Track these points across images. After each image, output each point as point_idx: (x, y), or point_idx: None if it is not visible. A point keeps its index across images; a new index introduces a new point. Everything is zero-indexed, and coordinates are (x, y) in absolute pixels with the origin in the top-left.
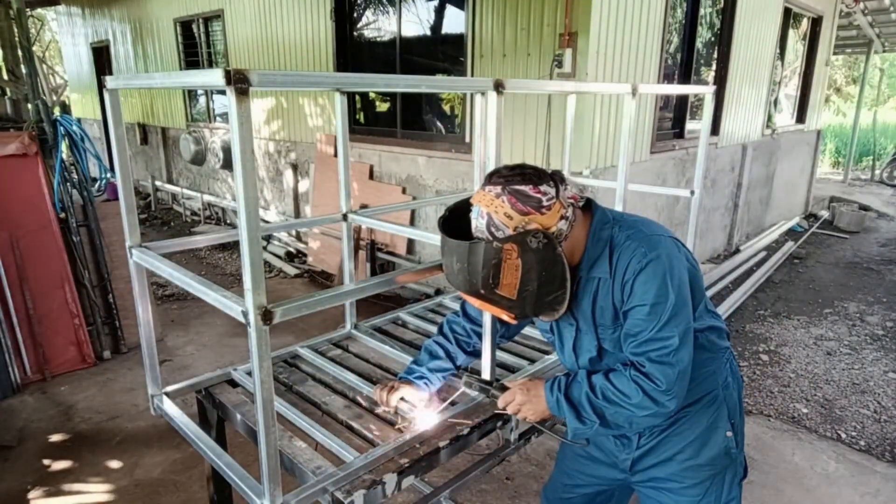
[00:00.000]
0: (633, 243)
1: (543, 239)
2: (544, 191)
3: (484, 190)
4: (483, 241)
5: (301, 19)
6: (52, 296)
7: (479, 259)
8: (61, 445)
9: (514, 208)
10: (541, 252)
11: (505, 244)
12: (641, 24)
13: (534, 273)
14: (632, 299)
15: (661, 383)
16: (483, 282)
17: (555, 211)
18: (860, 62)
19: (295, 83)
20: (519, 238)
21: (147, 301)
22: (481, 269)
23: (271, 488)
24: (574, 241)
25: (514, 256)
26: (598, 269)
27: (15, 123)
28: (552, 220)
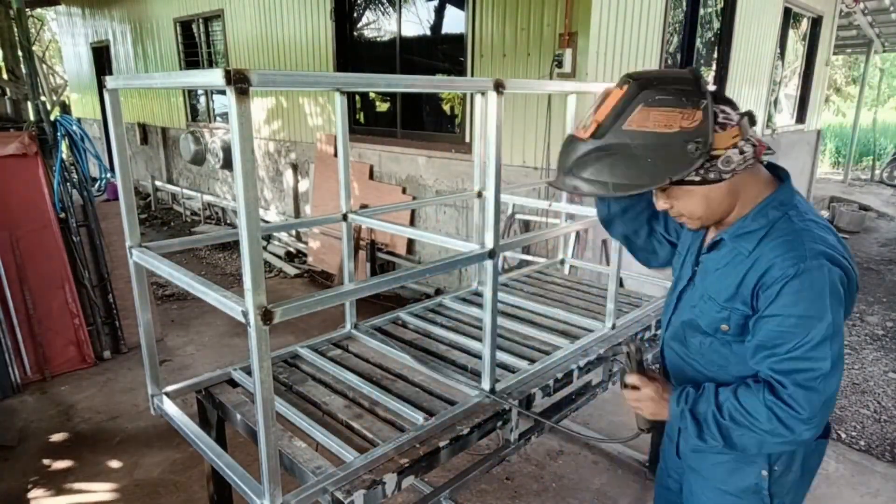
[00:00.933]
0: (795, 240)
1: (703, 148)
2: (724, 110)
3: None
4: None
5: (301, 19)
6: (52, 296)
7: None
8: (61, 445)
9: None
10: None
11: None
12: (641, 24)
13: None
14: (773, 306)
15: (803, 411)
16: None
17: (729, 134)
18: (860, 62)
19: (295, 83)
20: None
21: (147, 301)
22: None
23: (271, 488)
24: (741, 192)
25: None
26: (743, 242)
27: (15, 123)
28: (723, 141)
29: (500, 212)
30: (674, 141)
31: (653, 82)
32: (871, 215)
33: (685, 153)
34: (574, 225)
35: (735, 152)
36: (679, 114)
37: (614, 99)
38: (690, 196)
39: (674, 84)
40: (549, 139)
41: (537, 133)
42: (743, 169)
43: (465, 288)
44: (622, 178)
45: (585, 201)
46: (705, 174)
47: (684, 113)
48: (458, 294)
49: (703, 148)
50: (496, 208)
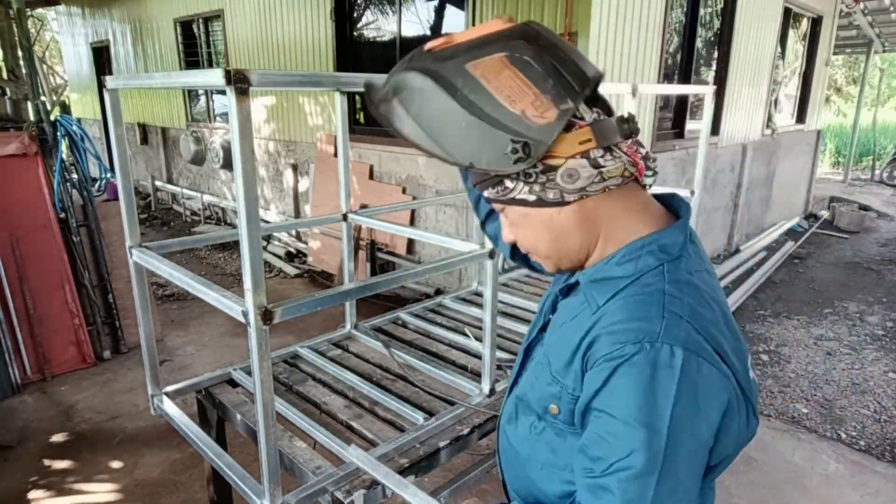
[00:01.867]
0: (655, 304)
1: (522, 151)
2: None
3: None
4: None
5: (301, 19)
6: (52, 296)
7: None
8: (61, 445)
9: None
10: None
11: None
12: (641, 24)
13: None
14: (599, 397)
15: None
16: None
17: (574, 138)
18: (860, 62)
19: (295, 83)
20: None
21: (147, 301)
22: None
23: (271, 488)
24: (598, 223)
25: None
26: (596, 292)
27: (15, 123)
28: (565, 146)
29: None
30: (504, 123)
31: (539, 40)
32: (871, 215)
33: (504, 147)
34: None
35: (583, 164)
36: (532, 94)
37: (488, 28)
38: (529, 222)
39: (562, 59)
40: None
41: None
42: (600, 191)
43: (465, 288)
44: (426, 125)
45: None
46: (542, 192)
47: (538, 98)
48: (458, 294)
49: (526, 153)
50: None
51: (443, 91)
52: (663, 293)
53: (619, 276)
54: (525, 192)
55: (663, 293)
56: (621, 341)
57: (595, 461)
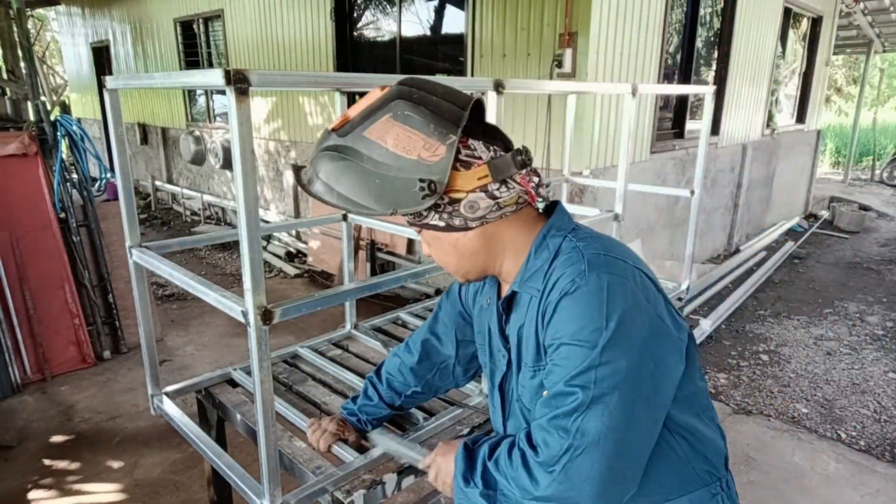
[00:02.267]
0: (575, 255)
1: (429, 190)
2: (472, 145)
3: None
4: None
5: (301, 19)
6: (52, 296)
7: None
8: (61, 445)
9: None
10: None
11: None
12: (641, 24)
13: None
14: (548, 334)
15: (541, 451)
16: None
17: (472, 175)
18: (860, 62)
19: (295, 83)
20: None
21: (147, 301)
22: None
23: (271, 488)
24: (498, 241)
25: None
26: (532, 283)
27: (15, 123)
28: (464, 182)
29: None
30: (408, 170)
31: (412, 94)
32: (871, 215)
33: (413, 189)
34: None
35: (482, 196)
36: (422, 141)
37: (371, 98)
38: (439, 242)
39: (434, 106)
40: (549, 139)
41: (537, 133)
42: (498, 217)
43: None
44: (349, 192)
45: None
46: (449, 219)
47: (427, 142)
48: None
49: (431, 190)
50: None
51: (352, 161)
52: (577, 248)
53: (542, 264)
54: (436, 219)
55: (577, 248)
56: (560, 285)
57: (553, 385)
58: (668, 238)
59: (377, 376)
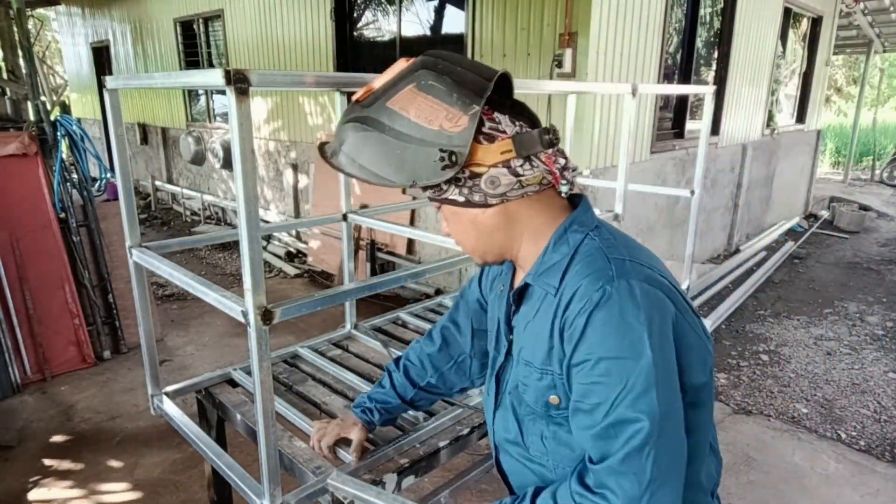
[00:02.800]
0: (598, 258)
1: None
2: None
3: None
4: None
5: (301, 19)
6: (52, 296)
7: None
8: (61, 445)
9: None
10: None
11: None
12: (641, 24)
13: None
14: (579, 350)
15: (614, 499)
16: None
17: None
18: (860, 62)
19: (295, 83)
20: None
21: (147, 301)
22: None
23: (271, 488)
24: (518, 222)
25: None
26: (548, 278)
27: (15, 123)
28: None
29: None
30: (429, 140)
31: (437, 64)
32: (871, 215)
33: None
34: None
35: (504, 172)
36: (444, 111)
37: (395, 69)
38: (459, 219)
39: (459, 76)
40: None
41: None
42: (519, 196)
43: None
44: (370, 163)
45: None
46: (469, 194)
47: (449, 112)
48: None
49: (451, 161)
50: None
51: (374, 131)
52: (600, 249)
53: (560, 259)
54: (455, 193)
55: (600, 249)
56: (587, 294)
57: (596, 408)
58: (668, 238)
59: (395, 364)
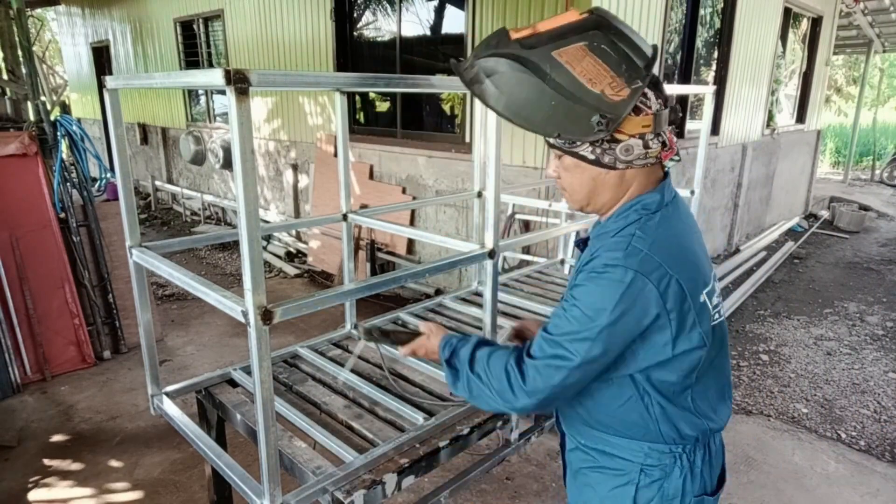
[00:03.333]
0: (624, 241)
1: (606, 124)
2: (646, 93)
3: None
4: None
5: (301, 19)
6: (52, 296)
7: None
8: (61, 445)
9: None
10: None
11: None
12: (641, 24)
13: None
14: (572, 290)
15: (529, 383)
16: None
17: (639, 121)
18: (860, 62)
19: (295, 83)
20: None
21: (147, 301)
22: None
23: (271, 488)
24: (626, 187)
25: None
26: (597, 242)
27: (15, 123)
28: (630, 125)
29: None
30: (587, 100)
31: (611, 29)
32: (871, 215)
33: (588, 121)
34: (574, 225)
35: (639, 143)
36: (609, 77)
37: (565, 19)
38: (581, 172)
39: (628, 47)
40: None
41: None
42: (641, 165)
43: (465, 288)
44: (519, 104)
45: None
46: (601, 155)
47: (615, 80)
48: (458, 294)
49: (607, 127)
50: (496, 208)
51: (533, 76)
52: (632, 236)
53: (613, 229)
54: (588, 150)
55: (632, 236)
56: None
57: (555, 327)
58: None
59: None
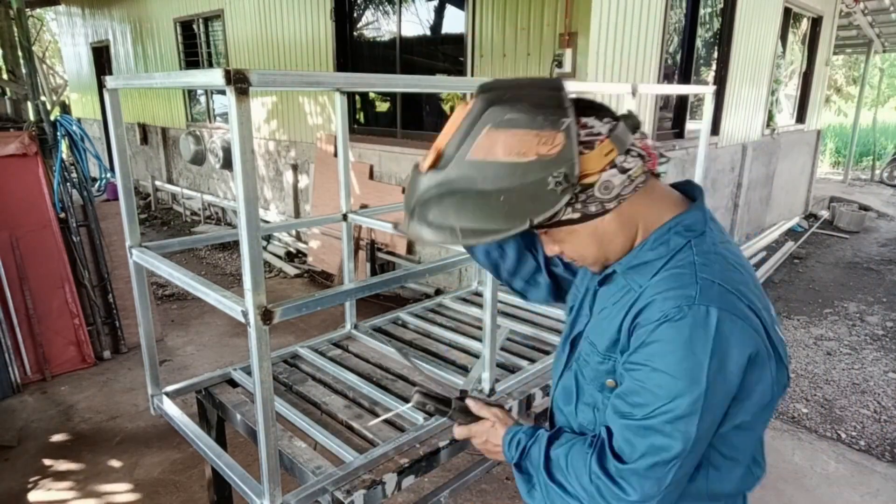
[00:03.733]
0: (689, 274)
1: (564, 182)
2: (586, 123)
3: None
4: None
5: (301, 19)
6: (52, 296)
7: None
8: (61, 445)
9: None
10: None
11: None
12: (641, 24)
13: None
14: (640, 353)
15: (633, 493)
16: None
17: (599, 152)
18: (860, 62)
19: (295, 83)
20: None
21: (147, 301)
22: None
23: (271, 488)
24: (636, 219)
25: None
26: (637, 276)
27: (15, 123)
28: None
29: None
30: (530, 173)
31: (504, 96)
32: (871, 215)
33: (546, 189)
34: None
35: (614, 173)
36: (535, 137)
37: (458, 118)
38: (575, 236)
39: (528, 98)
40: None
41: None
42: (632, 191)
43: (465, 288)
44: (472, 223)
45: None
46: (584, 208)
47: (541, 136)
48: (458, 294)
49: (567, 181)
50: None
51: (464, 191)
52: (694, 264)
53: (653, 259)
54: (569, 213)
55: (694, 264)
56: (664, 308)
57: (636, 407)
58: None
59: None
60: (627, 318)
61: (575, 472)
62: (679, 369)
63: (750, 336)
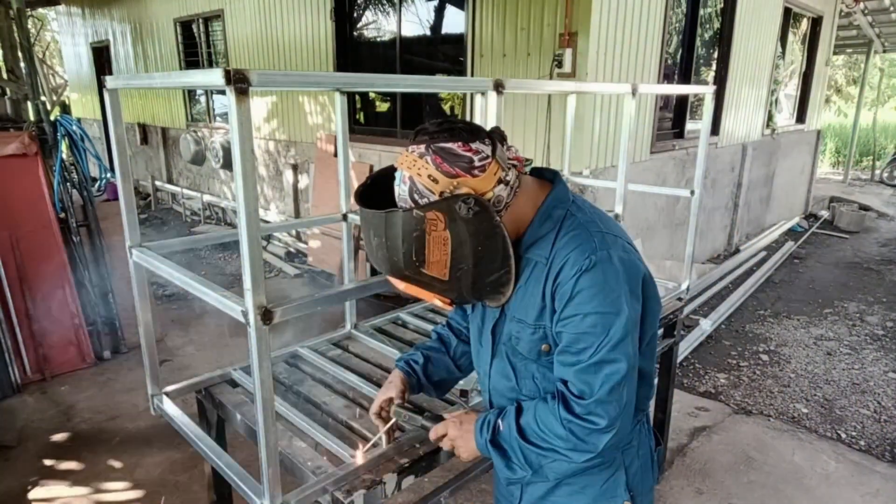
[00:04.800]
0: (583, 232)
1: (475, 206)
2: (477, 149)
3: (407, 151)
4: (401, 209)
5: (301, 19)
6: (52, 296)
7: (399, 231)
8: (61, 445)
9: (440, 169)
10: (473, 222)
11: (427, 212)
12: (641, 24)
13: (467, 247)
14: (569, 306)
15: (601, 421)
16: (405, 259)
17: (490, 173)
18: (860, 62)
19: (295, 83)
20: (444, 204)
21: (147, 301)
22: (402, 244)
23: (271, 488)
24: (519, 212)
25: (441, 227)
26: (538, 250)
27: (15, 123)
28: (487, 183)
29: None
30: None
31: (391, 172)
32: (871, 215)
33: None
34: None
35: (501, 188)
36: (440, 176)
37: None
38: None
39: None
40: (549, 139)
41: (537, 133)
42: (513, 197)
43: None
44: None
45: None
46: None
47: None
48: None
49: (479, 204)
50: None
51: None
52: (583, 224)
53: (547, 232)
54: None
55: (583, 224)
56: (577, 262)
57: (581, 352)
58: (668, 238)
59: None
60: (548, 284)
61: (547, 427)
62: (605, 305)
63: (639, 262)
